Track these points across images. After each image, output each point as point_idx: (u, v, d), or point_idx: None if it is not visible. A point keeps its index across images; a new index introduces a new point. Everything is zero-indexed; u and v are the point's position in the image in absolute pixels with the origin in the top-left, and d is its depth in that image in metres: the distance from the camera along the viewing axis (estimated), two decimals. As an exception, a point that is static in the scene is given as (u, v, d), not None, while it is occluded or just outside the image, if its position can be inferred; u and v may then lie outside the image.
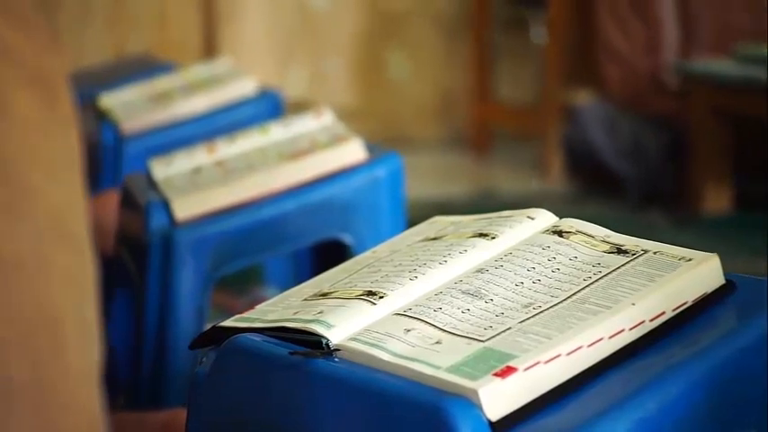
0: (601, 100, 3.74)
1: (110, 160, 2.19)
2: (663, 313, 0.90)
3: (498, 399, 0.83)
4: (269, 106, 2.21)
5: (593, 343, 0.87)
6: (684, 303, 0.91)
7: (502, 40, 4.49)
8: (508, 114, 4.51)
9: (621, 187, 3.65)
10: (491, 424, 0.83)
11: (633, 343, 0.88)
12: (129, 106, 2.31)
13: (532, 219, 1.04)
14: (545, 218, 1.04)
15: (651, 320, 0.89)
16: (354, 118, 4.54)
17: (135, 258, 1.59)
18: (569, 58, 4.00)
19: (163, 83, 2.39)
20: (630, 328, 0.88)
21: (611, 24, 3.74)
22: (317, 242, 1.57)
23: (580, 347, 0.86)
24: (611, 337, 0.88)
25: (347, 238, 1.51)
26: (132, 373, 1.57)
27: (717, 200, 3.51)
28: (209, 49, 4.39)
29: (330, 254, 1.52)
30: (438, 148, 4.52)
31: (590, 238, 0.99)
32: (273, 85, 2.85)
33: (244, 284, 2.17)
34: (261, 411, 0.95)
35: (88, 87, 2.63)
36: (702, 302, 0.91)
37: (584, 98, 3.80)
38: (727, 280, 0.93)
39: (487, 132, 4.49)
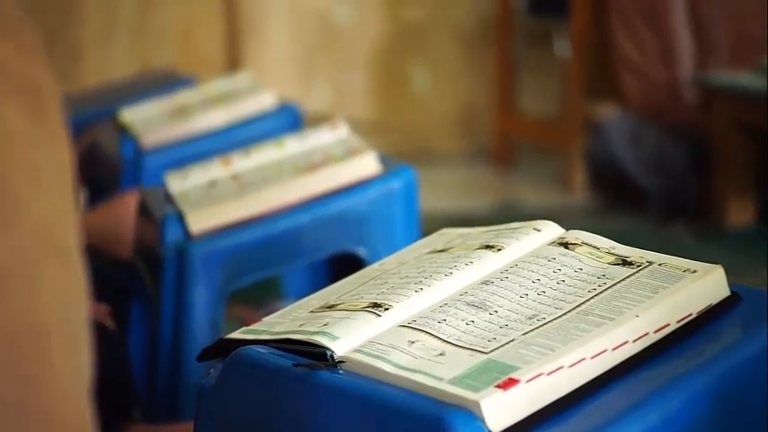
0: (623, 113, 3.73)
1: (129, 174, 2.20)
2: (667, 325, 0.89)
3: (500, 410, 0.83)
4: (288, 120, 2.22)
5: (597, 355, 0.87)
6: (689, 315, 0.90)
7: (525, 53, 4.49)
8: (531, 127, 4.51)
9: (645, 200, 3.63)
10: (493, 436, 0.83)
11: (637, 355, 0.88)
12: (149, 121, 2.32)
13: (539, 231, 1.03)
14: (551, 230, 1.04)
15: (655, 332, 0.89)
16: (377, 131, 4.54)
17: (151, 271, 1.59)
18: (592, 71, 3.99)
19: (183, 97, 2.40)
20: (634, 340, 0.88)
21: (625, 37, 3.73)
22: (331, 255, 1.57)
23: (583, 359, 0.86)
24: (614, 349, 0.87)
25: (361, 251, 1.52)
26: (148, 386, 1.58)
27: (740, 213, 3.49)
28: (233, 63, 4.41)
29: (347, 266, 1.52)
30: (460, 162, 4.52)
31: (595, 250, 0.99)
32: (295, 100, 2.85)
33: (262, 297, 2.17)
34: (266, 422, 0.95)
35: (110, 102, 2.64)
36: (707, 314, 0.91)
37: (606, 111, 3.79)
38: (732, 291, 0.93)
39: (510, 145, 4.49)
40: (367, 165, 1.55)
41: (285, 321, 1.01)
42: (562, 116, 4.23)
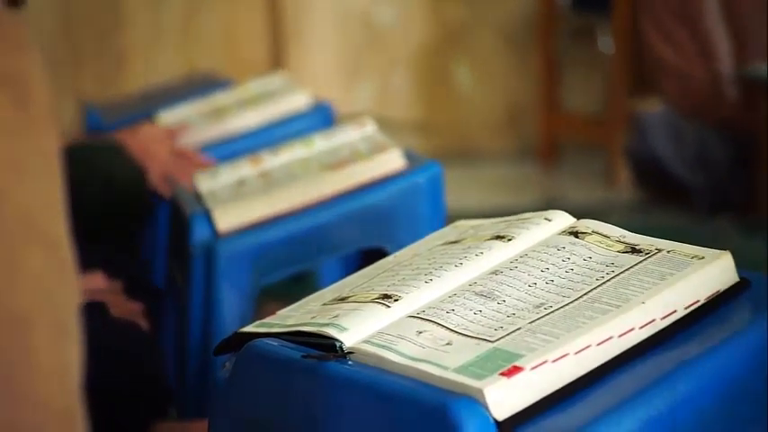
0: (665, 109, 3.70)
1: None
2: (674, 311, 0.89)
3: (504, 398, 0.83)
4: (321, 120, 2.22)
5: (603, 342, 0.87)
6: (696, 301, 0.90)
7: (568, 50, 4.46)
8: (575, 124, 4.48)
9: (689, 196, 3.60)
10: (497, 423, 0.83)
11: (644, 341, 0.88)
12: (185, 122, 2.34)
13: (549, 220, 1.03)
14: (562, 219, 1.04)
15: (662, 319, 0.89)
16: (421, 131, 4.54)
17: (181, 269, 1.61)
18: (635, 67, 3.96)
19: (219, 99, 2.42)
20: (641, 327, 0.88)
21: (659, 41, 3.70)
22: (357, 251, 1.57)
23: (589, 346, 0.86)
24: (620, 336, 0.87)
25: (387, 246, 1.52)
26: (178, 383, 1.59)
27: (786, 207, 3.45)
28: (278, 66, 4.43)
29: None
30: (505, 160, 4.51)
31: (605, 239, 0.98)
32: (339, 101, 2.86)
33: (296, 293, 2.18)
34: (278, 413, 0.96)
35: (152, 105, 2.67)
36: (715, 300, 0.90)
37: (650, 107, 3.76)
38: (741, 278, 0.92)
39: (555, 143, 4.47)
40: (392, 161, 1.55)
41: (298, 314, 1.02)
42: (606, 113, 4.20)
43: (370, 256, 1.70)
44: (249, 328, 1.02)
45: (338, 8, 4.53)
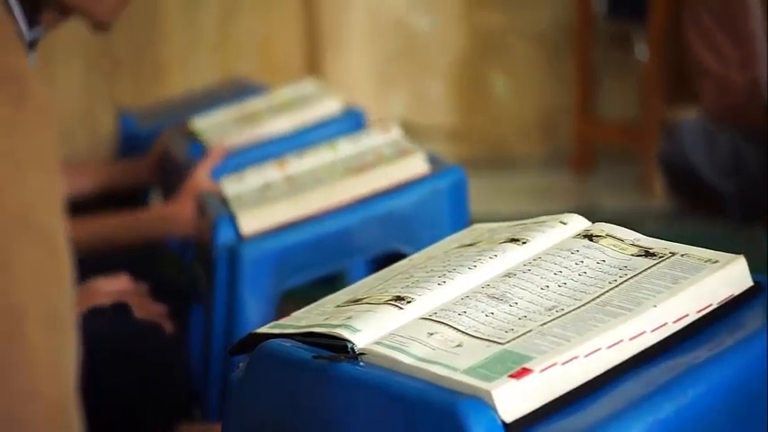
0: (699, 116, 3.67)
1: (198, 179, 2.23)
2: (686, 315, 0.88)
3: (513, 400, 0.83)
4: (352, 125, 2.23)
5: (613, 345, 0.86)
6: (709, 305, 0.89)
7: (605, 57, 4.45)
8: (611, 132, 4.46)
9: (722, 204, 3.58)
10: (506, 425, 0.82)
11: (656, 345, 0.87)
12: (218, 127, 2.35)
13: (565, 224, 1.03)
14: (577, 222, 1.03)
15: (674, 322, 0.88)
16: (456, 138, 4.54)
17: (205, 272, 1.62)
18: (671, 74, 3.94)
19: (251, 105, 2.43)
20: (652, 330, 0.87)
21: (702, 47, 3.67)
22: (379, 254, 1.57)
23: (599, 349, 0.86)
24: (631, 339, 0.87)
25: (410, 250, 1.52)
26: (203, 385, 1.60)
27: (823, 216, 3.42)
28: (313, 72, 4.44)
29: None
30: (539, 167, 4.49)
31: (619, 242, 0.98)
32: (374, 107, 2.87)
33: (324, 296, 2.18)
34: (290, 413, 0.96)
35: (185, 110, 2.69)
36: (728, 304, 0.90)
37: (685, 115, 3.74)
38: (755, 282, 0.91)
39: (590, 150, 4.45)
40: (416, 165, 1.55)
41: (312, 315, 1.02)
42: (641, 120, 4.18)
43: (398, 260, 1.70)
44: (264, 329, 1.03)
45: (374, 15, 4.54)
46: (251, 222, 1.53)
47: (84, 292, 1.65)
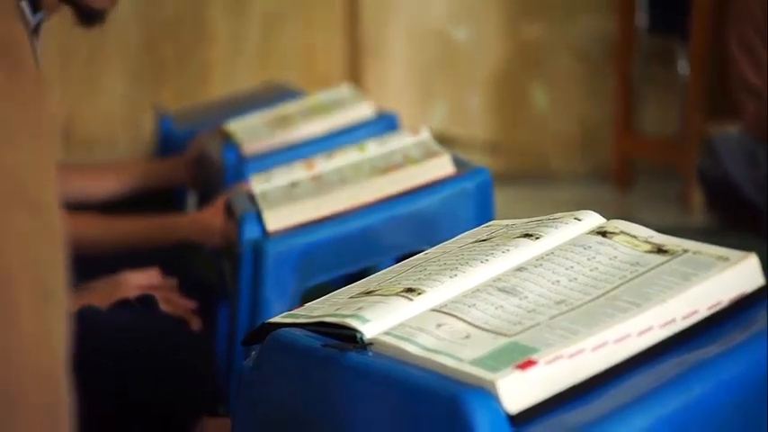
0: (739, 131, 3.64)
1: (231, 179, 2.24)
2: (696, 312, 0.88)
3: (518, 391, 0.82)
4: (384, 129, 2.23)
5: (620, 339, 0.86)
6: (719, 302, 0.89)
7: (646, 72, 4.43)
8: (651, 147, 4.44)
9: (763, 219, 3.54)
10: (510, 416, 0.82)
11: (664, 341, 0.87)
12: (252, 130, 2.37)
13: (579, 220, 1.03)
14: (592, 219, 1.03)
15: (683, 318, 0.88)
16: (495, 151, 4.53)
17: (232, 269, 1.63)
18: (713, 90, 3.92)
19: (285, 108, 2.45)
20: (661, 326, 0.87)
21: (745, 63, 3.64)
22: (404, 254, 1.57)
23: (606, 343, 0.85)
24: (639, 334, 0.86)
25: (434, 251, 1.52)
26: (226, 380, 1.61)
27: None
28: (354, 83, 4.46)
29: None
30: (579, 181, 4.48)
31: (632, 239, 0.98)
32: (412, 119, 2.87)
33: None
34: (299, 401, 0.96)
35: (222, 114, 2.71)
36: (738, 302, 0.89)
37: (726, 130, 3.71)
38: (768, 280, 0.91)
39: (630, 165, 4.43)
40: (441, 166, 1.55)
41: (324, 306, 1.03)
42: (682, 135, 4.16)
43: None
44: (276, 319, 1.03)
45: (415, 26, 4.55)
46: (277, 220, 1.54)
47: (113, 284, 1.67)
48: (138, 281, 1.68)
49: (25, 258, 0.58)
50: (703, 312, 0.88)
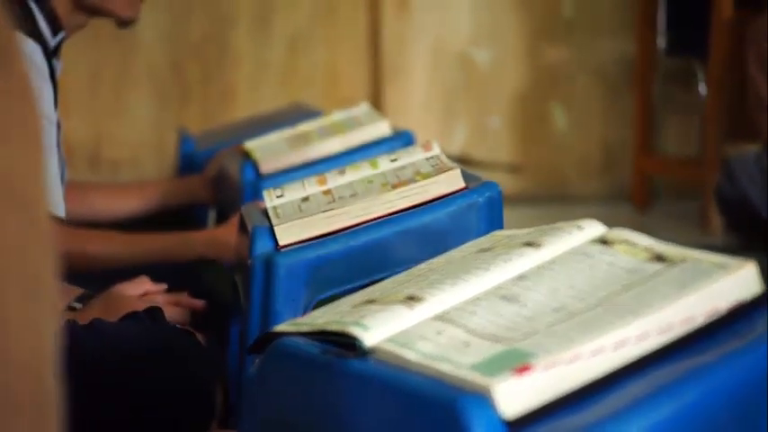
0: (757, 151, 3.64)
1: (249, 197, 2.25)
2: (693, 319, 0.88)
3: (514, 397, 0.83)
4: (401, 147, 2.24)
5: (618, 345, 0.86)
6: (717, 310, 0.89)
7: (665, 93, 4.43)
8: (671, 168, 4.44)
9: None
10: (507, 421, 0.83)
11: (661, 348, 0.87)
12: (270, 148, 2.38)
13: (581, 229, 1.03)
14: (593, 228, 1.04)
15: (681, 325, 0.88)
16: (515, 173, 4.54)
17: (243, 283, 1.63)
18: (732, 111, 3.91)
19: (303, 127, 2.46)
20: (658, 333, 0.87)
21: (760, 76, 3.64)
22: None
23: (603, 349, 0.86)
24: (637, 341, 0.87)
25: (444, 266, 1.52)
26: (237, 394, 1.61)
27: None
28: (376, 104, 4.47)
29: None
30: (599, 202, 4.47)
31: (633, 247, 0.98)
32: (437, 140, 2.86)
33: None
34: (301, 409, 0.97)
35: (242, 133, 2.72)
36: (736, 309, 0.89)
37: (745, 151, 3.71)
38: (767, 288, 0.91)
39: (650, 186, 4.43)
40: (452, 181, 1.56)
41: (328, 314, 1.03)
42: (701, 157, 4.15)
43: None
44: (280, 328, 1.04)
45: (436, 49, 4.57)
46: (288, 234, 1.54)
47: (110, 298, 1.69)
48: (133, 291, 1.72)
49: (14, 257, 0.58)
50: (701, 319, 0.88)
